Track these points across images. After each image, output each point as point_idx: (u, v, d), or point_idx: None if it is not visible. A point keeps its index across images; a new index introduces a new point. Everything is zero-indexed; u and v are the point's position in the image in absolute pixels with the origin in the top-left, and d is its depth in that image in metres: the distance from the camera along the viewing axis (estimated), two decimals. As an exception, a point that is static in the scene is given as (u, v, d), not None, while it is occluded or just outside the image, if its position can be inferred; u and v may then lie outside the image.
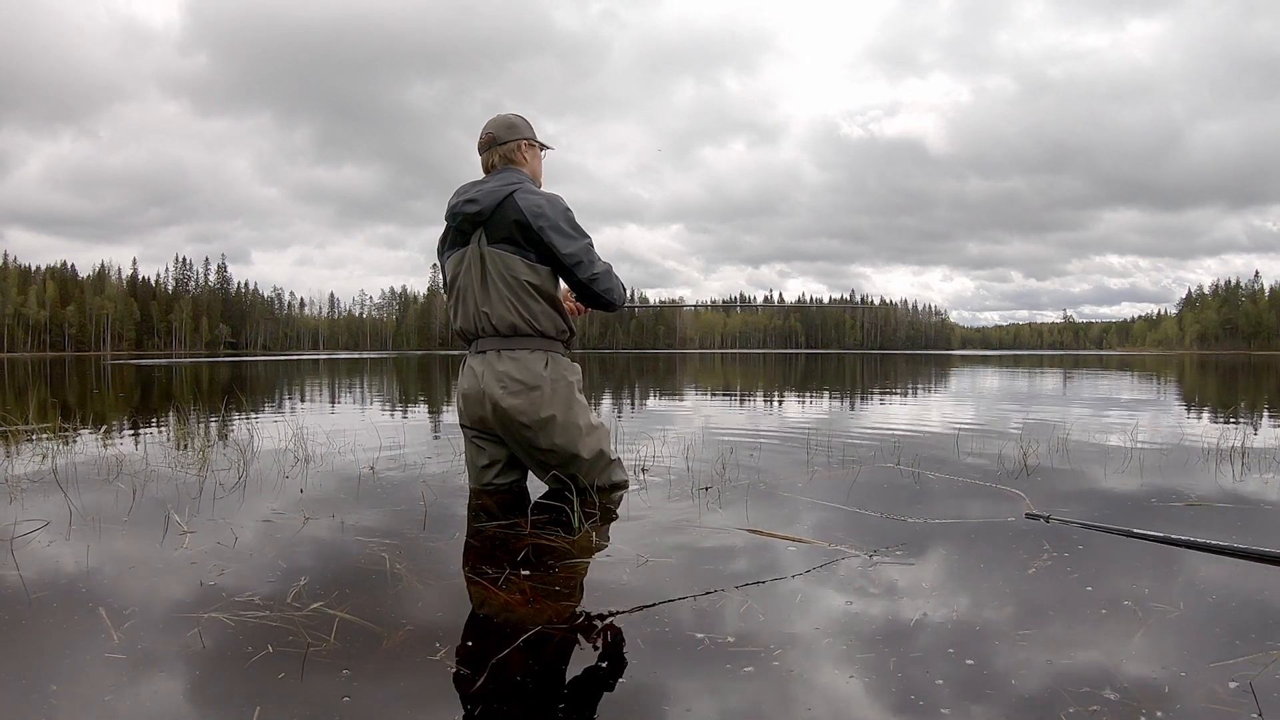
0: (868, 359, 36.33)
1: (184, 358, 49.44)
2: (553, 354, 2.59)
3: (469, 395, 2.61)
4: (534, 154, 2.70)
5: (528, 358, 2.53)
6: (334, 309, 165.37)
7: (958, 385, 11.41)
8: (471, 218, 2.51)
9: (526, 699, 1.23)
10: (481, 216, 2.50)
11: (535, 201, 2.48)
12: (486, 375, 2.54)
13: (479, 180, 2.63)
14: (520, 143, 2.64)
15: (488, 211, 2.49)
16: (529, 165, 2.67)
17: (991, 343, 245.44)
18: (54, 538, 2.12)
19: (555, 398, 2.54)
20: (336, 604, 1.59)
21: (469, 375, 2.62)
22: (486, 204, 2.49)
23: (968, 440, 4.24)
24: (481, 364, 2.57)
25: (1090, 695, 1.20)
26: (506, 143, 2.64)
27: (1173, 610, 1.55)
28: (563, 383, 2.57)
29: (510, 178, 2.55)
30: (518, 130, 2.66)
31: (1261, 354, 77.09)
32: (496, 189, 2.51)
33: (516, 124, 2.67)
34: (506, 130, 2.65)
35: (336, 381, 12.82)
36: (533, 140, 2.69)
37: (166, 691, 1.25)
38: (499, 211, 2.49)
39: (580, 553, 1.98)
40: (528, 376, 2.51)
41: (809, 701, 1.21)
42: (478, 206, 2.50)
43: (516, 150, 2.64)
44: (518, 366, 2.52)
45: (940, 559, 1.93)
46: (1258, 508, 2.52)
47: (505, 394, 2.51)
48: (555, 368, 2.57)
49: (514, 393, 2.50)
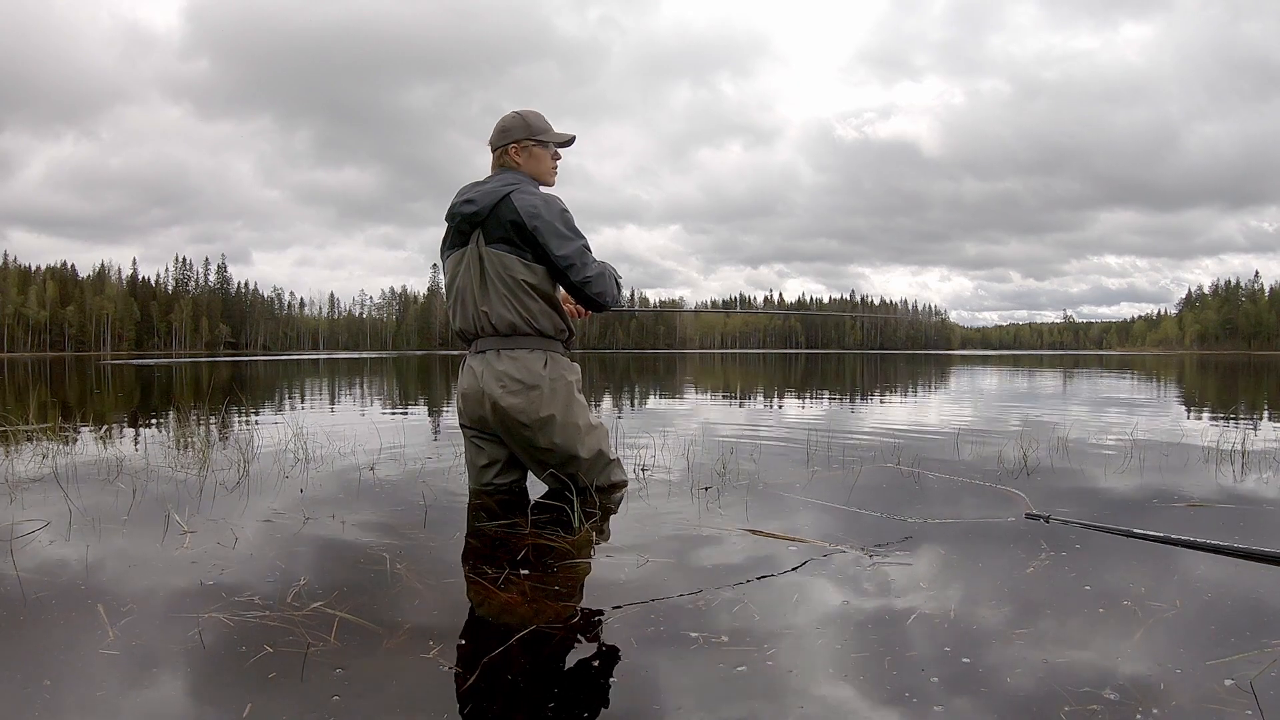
0: (868, 359, 36.34)
1: (184, 358, 49.44)
2: (552, 353, 2.59)
3: (468, 395, 2.62)
4: (529, 155, 2.67)
5: (527, 357, 2.54)
6: (334, 309, 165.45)
7: (958, 385, 11.41)
8: (469, 218, 2.52)
9: (517, 697, 1.23)
10: (479, 217, 2.51)
11: (531, 202, 2.49)
12: (486, 375, 2.54)
13: (479, 181, 2.65)
14: (509, 146, 2.65)
15: (485, 211, 2.50)
16: (525, 166, 2.66)
17: (991, 343, 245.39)
18: (54, 537, 2.12)
19: (554, 397, 2.54)
20: (336, 604, 1.59)
21: (468, 375, 2.62)
22: (483, 204, 2.50)
23: (968, 440, 4.24)
24: (481, 364, 2.57)
25: (1088, 694, 1.20)
26: (498, 148, 2.67)
27: (1170, 609, 1.55)
28: (562, 382, 2.57)
29: (509, 178, 2.57)
30: (509, 134, 2.66)
31: (1262, 354, 77.10)
32: (494, 189, 2.52)
33: (510, 126, 2.67)
34: (499, 135, 2.68)
35: (336, 381, 12.83)
36: (525, 141, 2.66)
37: (161, 689, 1.26)
38: (495, 212, 2.49)
39: (580, 553, 1.98)
40: (527, 376, 2.51)
41: (802, 700, 1.21)
42: (475, 207, 2.51)
43: (505, 154, 2.66)
44: (517, 366, 2.52)
45: (940, 559, 1.93)
46: (1259, 508, 2.52)
47: (504, 393, 2.51)
48: (554, 367, 2.57)
49: (513, 392, 2.51)
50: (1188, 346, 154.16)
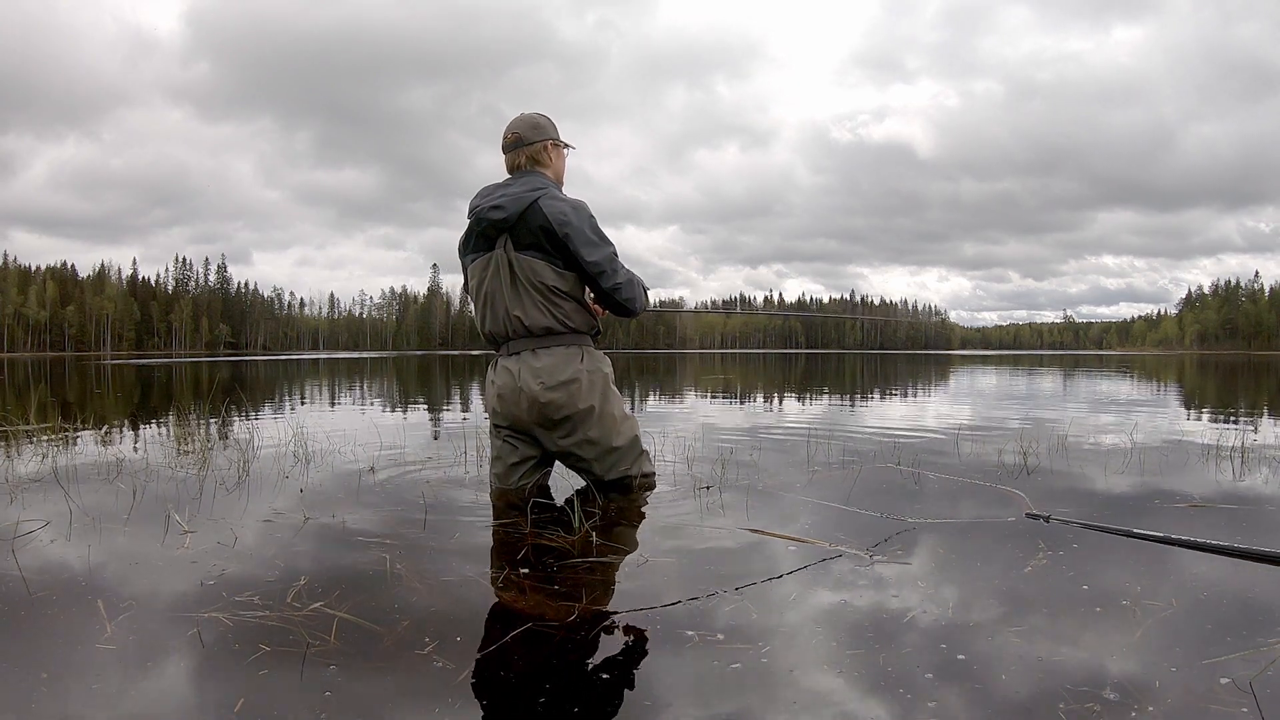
0: (868, 359, 36.34)
1: (184, 358, 49.45)
2: (586, 348, 2.62)
3: (505, 395, 2.60)
4: (558, 154, 2.71)
5: (563, 353, 2.55)
6: (334, 309, 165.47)
7: (957, 385, 11.41)
8: (497, 224, 2.51)
9: (508, 694, 1.24)
10: (507, 223, 2.50)
11: (561, 209, 2.49)
12: (524, 373, 2.54)
13: (504, 183, 2.62)
14: (546, 143, 2.65)
15: (513, 218, 2.49)
16: (553, 166, 2.67)
17: (992, 343, 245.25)
18: (55, 537, 2.12)
19: (593, 389, 2.57)
20: (336, 604, 1.60)
21: (504, 374, 2.60)
22: (512, 210, 2.49)
23: (967, 440, 4.24)
24: (517, 363, 2.57)
25: (1085, 692, 1.20)
26: (534, 143, 2.63)
27: (1167, 608, 1.56)
28: (598, 375, 2.60)
29: (535, 182, 2.55)
30: (543, 130, 2.66)
31: (1262, 354, 77.09)
32: (522, 194, 2.50)
33: (542, 124, 2.66)
34: (532, 130, 2.64)
35: (336, 381, 12.83)
36: (557, 140, 2.69)
37: (156, 685, 1.27)
38: (525, 218, 2.49)
39: (580, 552, 1.98)
40: (565, 371, 2.53)
41: (796, 696, 1.21)
42: (504, 213, 2.49)
43: (543, 151, 2.64)
44: (554, 362, 2.54)
45: (939, 558, 1.94)
46: (1259, 508, 2.53)
47: (544, 389, 2.52)
48: (590, 360, 2.60)
49: (552, 387, 2.52)
50: (1188, 346, 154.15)
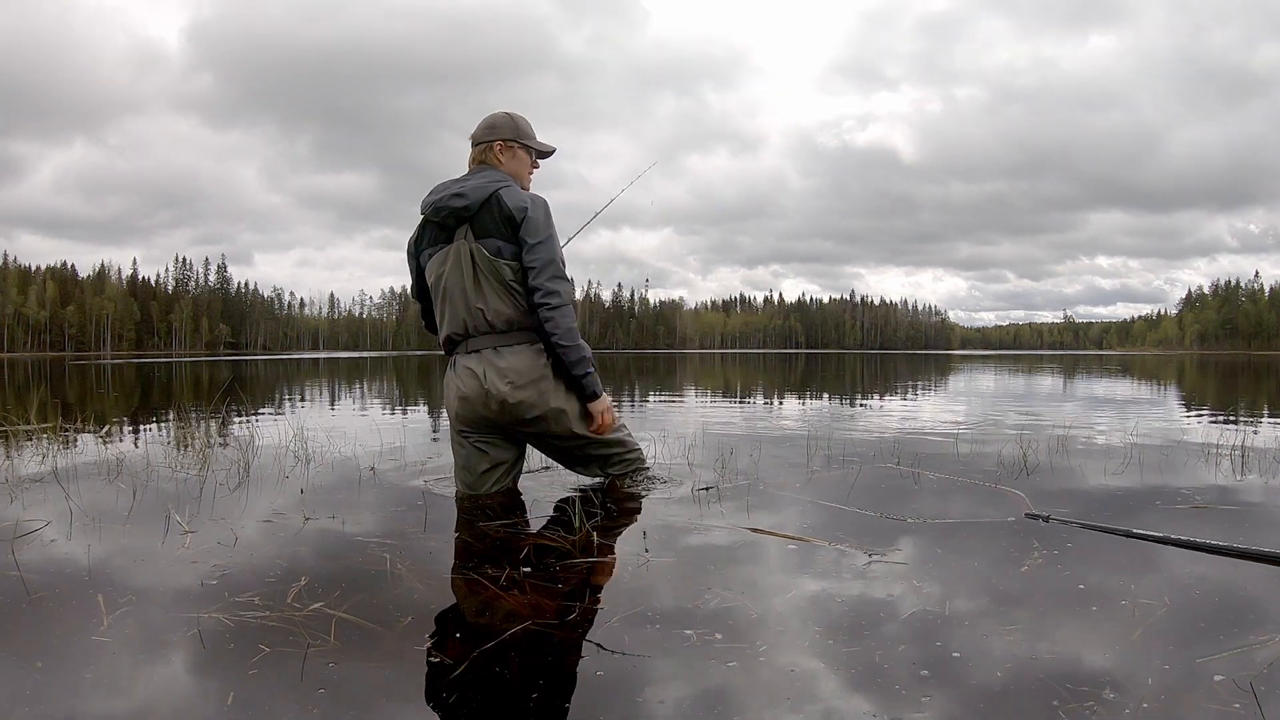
0: (868, 359, 36.34)
1: (184, 358, 49.42)
2: None
3: (470, 397, 2.55)
4: (512, 155, 2.65)
5: (526, 350, 2.53)
6: (334, 309, 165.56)
7: (957, 385, 11.41)
8: (457, 212, 2.50)
9: (502, 691, 1.24)
10: (469, 211, 2.49)
11: (521, 199, 2.50)
12: (489, 373, 2.51)
13: (461, 177, 2.62)
14: (495, 143, 2.62)
15: (475, 206, 2.48)
16: (506, 166, 2.63)
17: (991, 343, 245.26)
18: (55, 537, 2.13)
19: (559, 387, 2.56)
20: (336, 604, 1.60)
21: (466, 376, 2.55)
22: (474, 199, 2.48)
23: (967, 440, 4.25)
24: (479, 363, 2.53)
25: (1083, 691, 1.21)
26: (480, 143, 2.64)
27: (1163, 608, 1.56)
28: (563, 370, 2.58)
29: (494, 175, 2.56)
30: (495, 130, 2.64)
31: (1262, 354, 77.09)
32: (482, 185, 2.51)
33: (499, 124, 2.65)
34: (485, 131, 2.65)
35: (336, 381, 12.83)
36: (511, 141, 2.64)
37: (151, 681, 1.27)
38: (486, 207, 2.48)
39: (580, 552, 1.98)
40: (531, 369, 2.52)
41: (792, 694, 1.22)
42: (465, 201, 2.48)
43: (489, 149, 2.63)
44: (519, 360, 2.52)
45: (938, 558, 1.94)
46: (1259, 508, 2.53)
47: (513, 389, 2.50)
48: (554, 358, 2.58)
49: (521, 386, 2.50)
50: (1188, 346, 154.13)
